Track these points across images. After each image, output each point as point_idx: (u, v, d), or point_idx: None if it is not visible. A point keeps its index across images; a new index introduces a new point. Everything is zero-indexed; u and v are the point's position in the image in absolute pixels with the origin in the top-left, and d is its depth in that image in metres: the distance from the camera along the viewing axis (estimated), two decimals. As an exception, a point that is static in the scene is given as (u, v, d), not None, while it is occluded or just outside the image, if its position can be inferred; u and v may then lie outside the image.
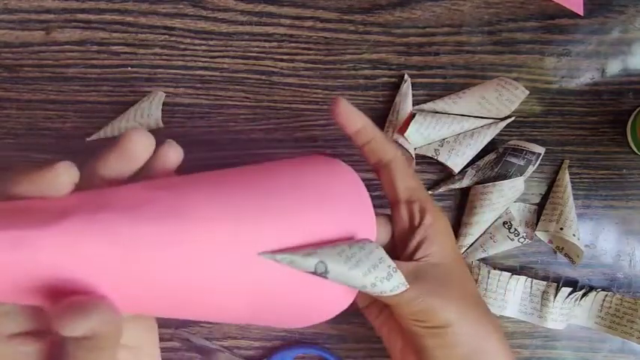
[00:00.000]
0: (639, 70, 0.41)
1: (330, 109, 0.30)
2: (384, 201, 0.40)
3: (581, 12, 0.41)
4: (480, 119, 0.40)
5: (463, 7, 0.41)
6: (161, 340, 0.39)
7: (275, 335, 0.40)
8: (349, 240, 0.25)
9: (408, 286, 0.26)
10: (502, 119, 0.40)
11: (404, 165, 0.31)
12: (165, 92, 0.40)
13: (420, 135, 0.39)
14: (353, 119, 0.30)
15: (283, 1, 0.40)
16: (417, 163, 0.41)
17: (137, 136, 0.21)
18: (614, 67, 0.41)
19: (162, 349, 0.39)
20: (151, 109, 0.38)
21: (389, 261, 0.26)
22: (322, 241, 0.24)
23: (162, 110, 0.39)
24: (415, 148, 0.39)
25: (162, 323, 0.26)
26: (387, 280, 0.25)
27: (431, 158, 0.40)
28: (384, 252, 0.26)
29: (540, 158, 0.39)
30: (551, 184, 0.41)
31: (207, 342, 0.40)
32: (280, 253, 0.22)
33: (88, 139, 0.39)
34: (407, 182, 0.31)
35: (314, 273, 0.23)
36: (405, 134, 0.38)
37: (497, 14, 0.41)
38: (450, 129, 0.39)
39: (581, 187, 0.41)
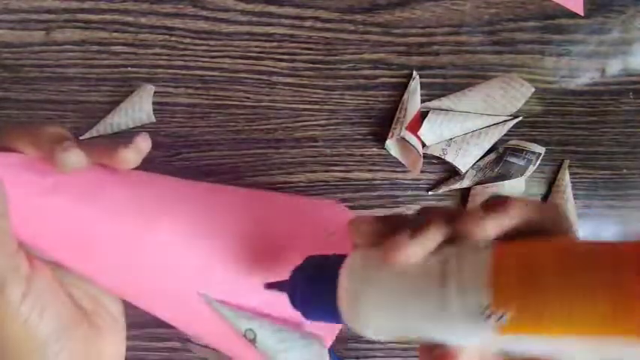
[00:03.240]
0: (639, 70, 0.41)
1: None
2: (385, 200, 0.41)
3: (581, 12, 0.41)
4: (491, 117, 0.40)
5: (463, 7, 0.41)
6: (161, 340, 0.39)
7: (275, 335, 0.40)
8: (300, 327, 0.26)
9: None
10: (510, 119, 0.40)
11: None
12: (165, 92, 0.40)
13: (433, 133, 0.39)
14: None
15: (283, 1, 0.40)
16: (417, 163, 0.41)
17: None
18: (614, 67, 0.41)
19: (163, 349, 0.39)
20: (142, 103, 0.38)
21: None
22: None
23: (163, 110, 0.39)
24: (423, 146, 0.39)
25: (162, 323, 0.26)
26: None
27: (432, 158, 0.40)
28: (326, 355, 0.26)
29: (540, 158, 0.39)
30: (551, 184, 0.41)
31: (207, 342, 0.40)
32: (220, 303, 0.23)
33: (81, 137, 0.39)
34: None
35: (243, 335, 0.24)
36: (419, 132, 0.38)
37: (497, 14, 0.41)
38: (463, 127, 0.39)
39: (581, 187, 0.41)
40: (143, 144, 0.24)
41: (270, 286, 0.23)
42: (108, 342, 0.25)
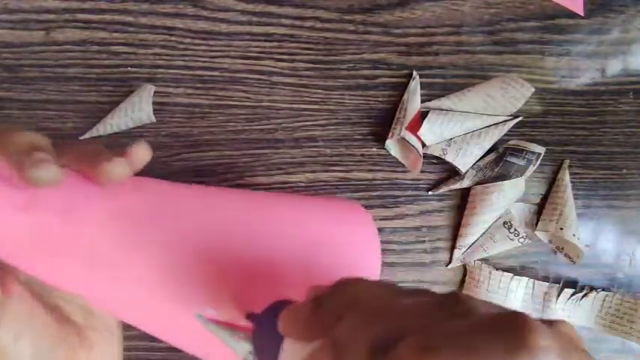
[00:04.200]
0: (639, 70, 0.41)
1: None
2: (385, 200, 0.41)
3: (581, 12, 0.41)
4: (491, 117, 0.40)
5: (463, 7, 0.41)
6: (162, 339, 0.39)
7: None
8: None
9: None
10: (510, 119, 0.40)
11: None
12: (165, 92, 0.40)
13: (433, 133, 0.39)
14: None
15: (283, 1, 0.40)
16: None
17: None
18: (614, 67, 0.41)
19: (162, 349, 0.39)
20: (141, 103, 0.38)
21: None
22: None
23: (163, 110, 0.39)
24: (423, 146, 0.39)
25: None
26: None
27: (432, 158, 0.40)
28: None
29: (540, 158, 0.39)
30: (551, 184, 0.41)
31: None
32: (216, 324, 0.21)
33: (81, 137, 0.39)
34: None
35: None
36: (419, 132, 0.38)
37: (497, 14, 0.41)
38: (463, 127, 0.39)
39: (581, 187, 0.41)
40: (140, 154, 0.21)
41: (249, 317, 0.21)
42: (100, 356, 0.24)
